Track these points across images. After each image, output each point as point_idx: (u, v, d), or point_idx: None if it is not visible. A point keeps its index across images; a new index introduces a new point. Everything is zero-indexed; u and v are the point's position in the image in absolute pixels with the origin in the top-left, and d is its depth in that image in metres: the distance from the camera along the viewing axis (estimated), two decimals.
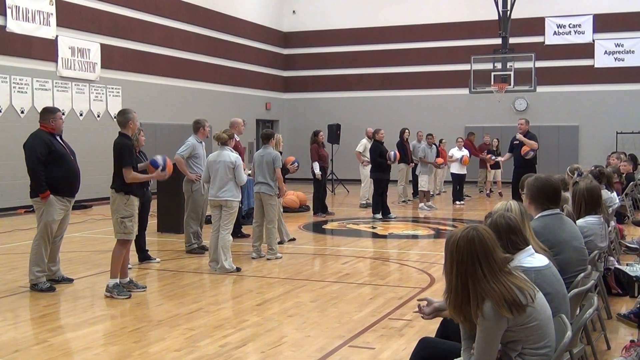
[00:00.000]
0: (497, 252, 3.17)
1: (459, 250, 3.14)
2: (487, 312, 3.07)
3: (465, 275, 3.12)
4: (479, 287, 3.09)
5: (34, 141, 7.52)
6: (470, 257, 3.12)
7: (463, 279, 3.13)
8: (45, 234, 7.53)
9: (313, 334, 5.88)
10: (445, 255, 3.24)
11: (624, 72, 23.36)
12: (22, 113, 15.74)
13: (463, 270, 3.13)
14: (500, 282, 3.09)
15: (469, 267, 3.12)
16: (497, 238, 3.39)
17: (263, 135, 9.97)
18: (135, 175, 7.36)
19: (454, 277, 3.16)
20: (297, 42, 27.27)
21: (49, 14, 16.43)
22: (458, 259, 3.14)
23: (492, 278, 3.09)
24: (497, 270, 3.12)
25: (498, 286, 3.08)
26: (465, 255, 3.13)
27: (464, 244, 3.14)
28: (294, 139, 25.08)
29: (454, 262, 3.16)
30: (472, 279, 3.11)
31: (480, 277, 3.10)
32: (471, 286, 3.11)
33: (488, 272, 3.11)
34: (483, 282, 3.09)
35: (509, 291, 3.07)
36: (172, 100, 20.58)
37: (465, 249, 3.13)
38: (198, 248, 10.03)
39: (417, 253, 10.42)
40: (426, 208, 16.03)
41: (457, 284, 3.15)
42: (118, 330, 6.07)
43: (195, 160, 10.10)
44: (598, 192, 6.19)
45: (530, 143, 12.96)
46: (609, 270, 7.12)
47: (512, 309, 3.05)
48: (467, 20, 24.73)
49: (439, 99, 25.13)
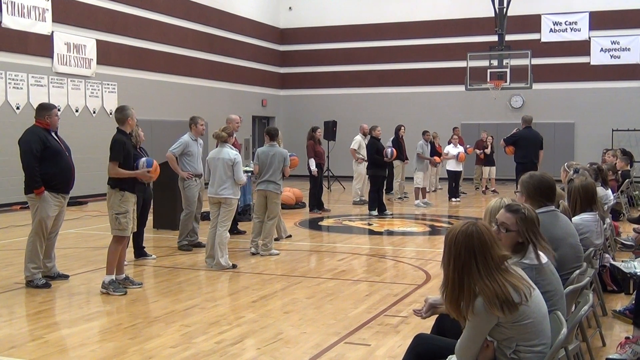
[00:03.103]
0: (494, 248, 3.19)
1: (457, 245, 3.17)
2: (477, 307, 3.10)
3: (461, 269, 3.15)
4: (473, 283, 3.12)
5: (29, 137, 7.50)
6: (467, 252, 3.15)
7: (459, 273, 3.15)
8: (40, 230, 7.52)
9: (309, 331, 5.89)
10: (444, 248, 3.26)
11: (619, 69, 23.39)
12: (18, 109, 15.70)
13: (460, 265, 3.16)
14: (494, 280, 3.11)
15: (466, 262, 3.14)
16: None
17: (269, 132, 9.92)
18: (118, 171, 7.32)
19: (450, 270, 3.19)
20: (293, 39, 27.25)
21: (45, 9, 16.38)
22: (456, 253, 3.17)
23: (487, 275, 3.12)
24: (493, 267, 3.14)
25: (492, 283, 3.09)
26: (462, 250, 3.15)
27: (462, 239, 3.17)
28: (290, 135, 25.02)
29: (452, 256, 3.19)
30: (468, 274, 3.13)
31: (475, 273, 3.12)
32: (466, 281, 3.13)
33: (483, 268, 3.13)
34: (477, 278, 3.12)
35: (502, 289, 3.09)
36: (168, 96, 20.55)
37: (463, 244, 3.16)
38: (188, 245, 10.03)
39: (412, 250, 10.44)
40: (422, 205, 16.04)
41: (453, 277, 3.17)
42: (114, 327, 6.07)
43: (189, 157, 10.09)
44: (593, 189, 6.20)
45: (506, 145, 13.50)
46: (604, 267, 7.14)
47: (504, 307, 3.07)
48: (463, 17, 24.73)
49: (435, 96, 25.14)
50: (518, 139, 13.24)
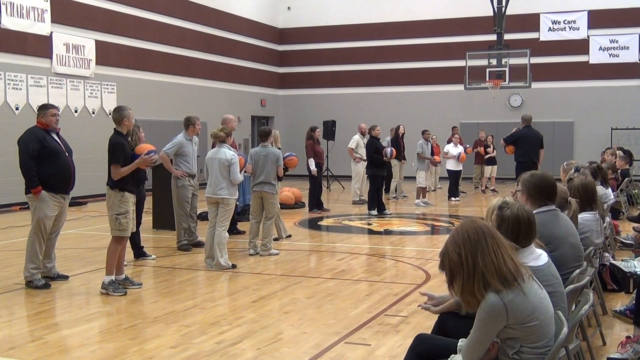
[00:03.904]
0: (501, 237, 3.20)
1: (464, 232, 3.15)
2: (488, 304, 3.05)
3: (474, 250, 3.09)
4: (487, 259, 3.07)
5: (27, 137, 7.52)
6: (475, 233, 3.12)
7: (473, 257, 3.09)
8: (39, 230, 7.51)
9: (309, 331, 5.88)
10: (449, 248, 3.17)
11: (618, 68, 23.40)
12: (17, 110, 15.69)
13: (472, 247, 3.10)
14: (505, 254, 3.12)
15: (478, 242, 3.10)
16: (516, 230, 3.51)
17: (261, 132, 9.93)
18: (122, 171, 7.31)
19: (464, 258, 3.10)
20: (292, 39, 27.25)
21: (44, 10, 16.38)
22: (464, 238, 3.12)
23: (497, 250, 3.10)
24: (503, 245, 3.15)
25: (504, 257, 3.10)
26: (471, 233, 3.13)
27: (466, 227, 3.17)
28: (289, 135, 25.04)
29: (461, 244, 3.12)
30: (482, 252, 3.08)
31: (488, 249, 3.09)
32: (480, 261, 3.08)
33: (493, 244, 3.11)
34: (493, 252, 3.09)
35: (507, 262, 3.09)
36: (167, 96, 20.55)
37: (470, 228, 3.15)
38: (187, 244, 10.02)
39: (412, 249, 10.43)
40: (422, 204, 16.04)
41: (467, 264, 3.09)
42: (114, 327, 6.06)
43: (183, 157, 10.07)
44: (593, 188, 6.20)
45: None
46: (604, 266, 7.14)
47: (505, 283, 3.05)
48: (462, 16, 24.74)
49: (434, 95, 25.14)
50: (518, 138, 13.25)
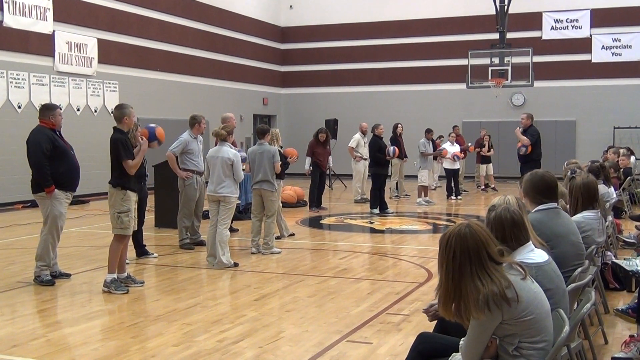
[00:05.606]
0: (491, 246, 3.17)
1: (451, 248, 3.14)
2: (481, 306, 3.07)
3: (457, 271, 3.11)
4: (470, 284, 3.09)
5: (38, 136, 7.56)
6: (461, 254, 3.11)
7: (454, 276, 3.12)
8: (55, 229, 7.61)
9: (311, 329, 5.89)
10: (439, 252, 3.23)
11: (621, 66, 23.36)
12: (19, 108, 15.70)
13: (455, 267, 3.12)
14: (492, 279, 3.08)
15: (461, 265, 3.11)
16: (501, 231, 3.44)
17: (258, 130, 9.94)
18: (134, 163, 7.37)
19: (444, 273, 3.15)
20: (294, 37, 27.24)
21: (46, 8, 16.39)
22: (450, 256, 3.14)
23: (483, 275, 3.09)
24: (489, 266, 3.12)
25: (489, 284, 3.07)
26: (457, 252, 3.12)
27: (455, 242, 3.14)
28: (292, 134, 25.06)
29: (446, 259, 3.15)
30: (464, 276, 3.10)
31: (470, 275, 3.10)
32: (463, 283, 3.10)
33: (479, 269, 3.10)
34: (475, 279, 3.09)
35: (499, 288, 3.07)
36: (169, 95, 20.56)
37: (458, 246, 3.13)
38: (189, 243, 10.03)
39: (414, 248, 10.43)
40: (424, 203, 16.04)
41: (447, 280, 3.14)
42: (116, 325, 6.08)
43: (190, 155, 10.08)
44: (595, 186, 6.19)
45: (522, 138, 12.76)
46: (606, 264, 7.14)
47: (504, 304, 3.06)
48: (464, 15, 24.72)
49: (437, 94, 25.12)
50: (538, 138, 13.00)
